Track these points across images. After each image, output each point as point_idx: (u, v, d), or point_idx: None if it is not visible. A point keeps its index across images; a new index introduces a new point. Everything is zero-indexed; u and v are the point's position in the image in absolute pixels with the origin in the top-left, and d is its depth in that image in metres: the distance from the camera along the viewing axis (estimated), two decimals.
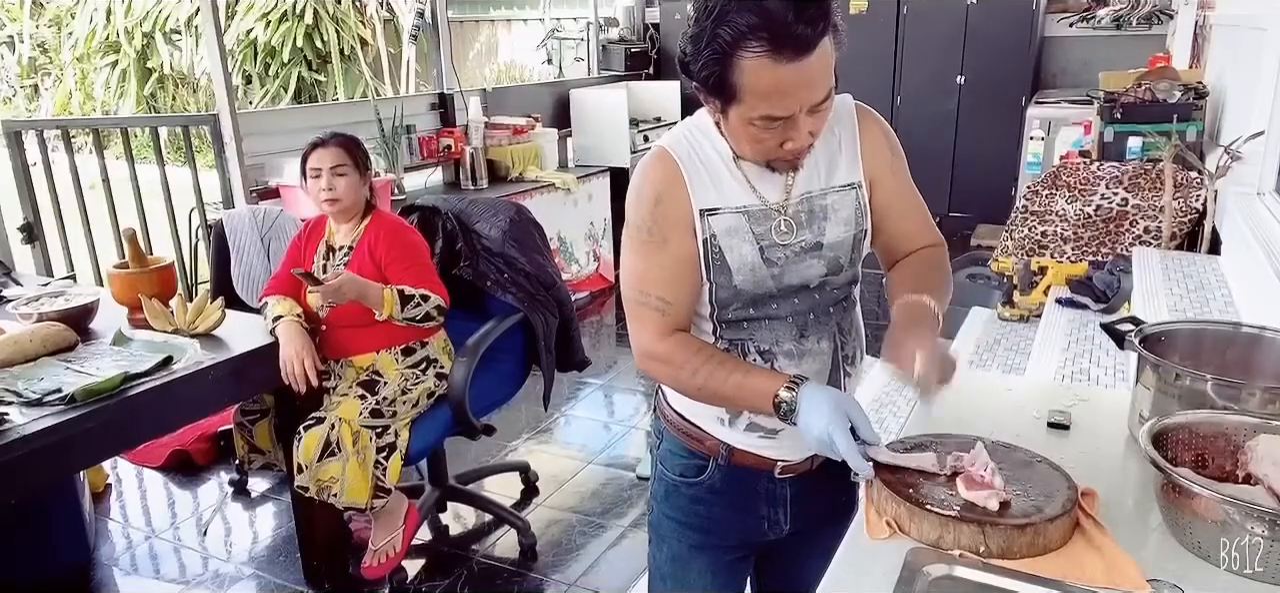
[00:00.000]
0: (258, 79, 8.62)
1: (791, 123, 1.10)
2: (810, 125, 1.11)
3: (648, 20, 6.65)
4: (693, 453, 1.35)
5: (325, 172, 2.38)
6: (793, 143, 1.12)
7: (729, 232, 1.21)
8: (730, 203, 1.22)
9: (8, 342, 2.08)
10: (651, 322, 1.23)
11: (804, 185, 1.24)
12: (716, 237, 1.21)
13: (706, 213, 1.21)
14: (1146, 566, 0.98)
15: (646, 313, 1.24)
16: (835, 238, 1.24)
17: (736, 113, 1.11)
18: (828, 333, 1.28)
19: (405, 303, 2.35)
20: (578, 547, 2.74)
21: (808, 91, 1.07)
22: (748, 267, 1.21)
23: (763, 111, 1.08)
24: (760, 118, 1.09)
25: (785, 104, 1.08)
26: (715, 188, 1.21)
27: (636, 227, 1.24)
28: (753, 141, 1.14)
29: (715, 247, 1.21)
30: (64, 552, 2.68)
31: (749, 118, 1.10)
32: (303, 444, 2.25)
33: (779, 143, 1.13)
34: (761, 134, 1.12)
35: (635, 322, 1.26)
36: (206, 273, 3.50)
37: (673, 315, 1.23)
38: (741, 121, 1.12)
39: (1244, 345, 1.37)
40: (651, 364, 1.25)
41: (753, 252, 1.21)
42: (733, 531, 1.38)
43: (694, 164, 1.21)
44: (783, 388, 1.15)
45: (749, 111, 1.09)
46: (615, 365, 4.22)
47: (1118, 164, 3.53)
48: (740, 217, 1.21)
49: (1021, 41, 5.84)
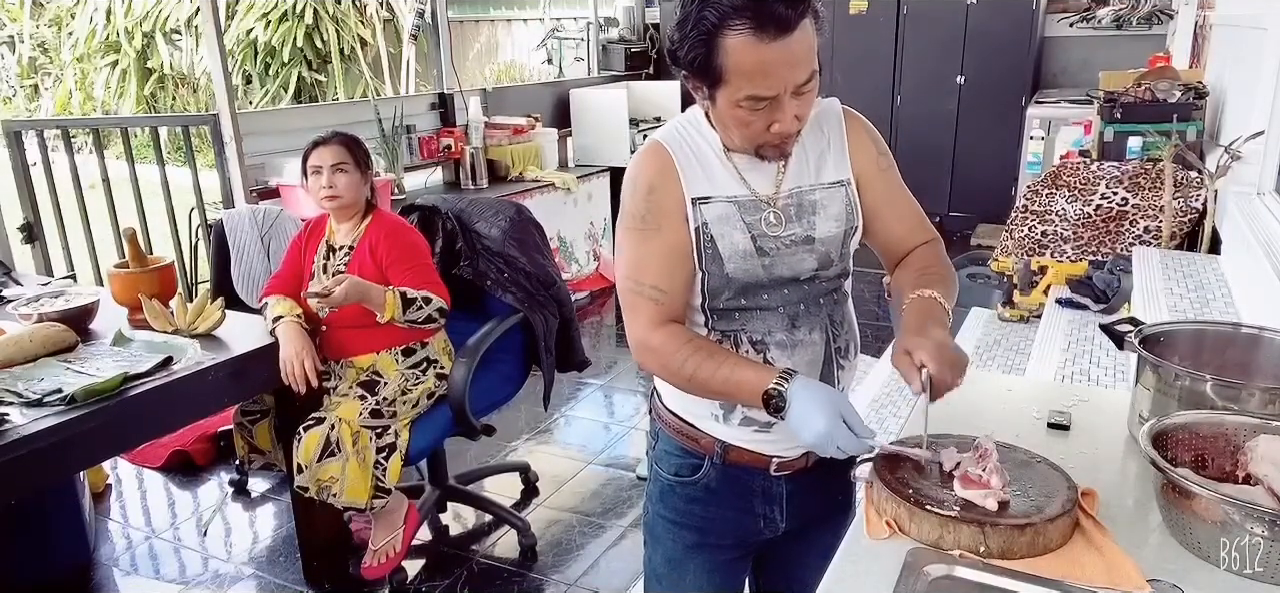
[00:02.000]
0: (258, 79, 8.63)
1: (777, 104, 1.12)
2: (796, 109, 1.14)
3: (648, 20, 6.65)
4: (688, 452, 1.35)
5: (326, 169, 2.39)
6: (779, 126, 1.15)
7: (720, 220, 1.22)
8: (721, 193, 1.24)
9: (8, 342, 2.08)
10: (646, 311, 1.23)
11: (794, 180, 1.26)
12: (708, 225, 1.22)
13: (698, 202, 1.23)
14: (1146, 566, 0.98)
15: (641, 302, 1.24)
16: (826, 233, 1.26)
17: (723, 96, 1.14)
18: (819, 324, 1.29)
19: (407, 305, 2.35)
20: (578, 547, 2.74)
21: (791, 71, 1.10)
22: (740, 255, 1.22)
23: (748, 92, 1.11)
24: (746, 98, 1.12)
25: (769, 84, 1.10)
26: (707, 178, 1.24)
27: (630, 215, 1.25)
28: (740, 126, 1.16)
29: (707, 235, 1.22)
30: (64, 552, 2.68)
31: (735, 100, 1.12)
32: (303, 444, 2.25)
33: (766, 126, 1.15)
34: (748, 117, 1.14)
35: (630, 312, 1.26)
36: (206, 273, 3.50)
37: (667, 305, 1.23)
38: (728, 105, 1.14)
39: (1244, 345, 1.37)
40: (645, 354, 1.25)
41: (745, 240, 1.22)
42: (729, 530, 1.38)
43: (686, 155, 1.24)
44: (773, 381, 1.14)
45: (735, 92, 1.12)
46: (615, 365, 4.22)
47: (1118, 164, 3.53)
48: (731, 206, 1.23)
49: (1021, 41, 5.84)
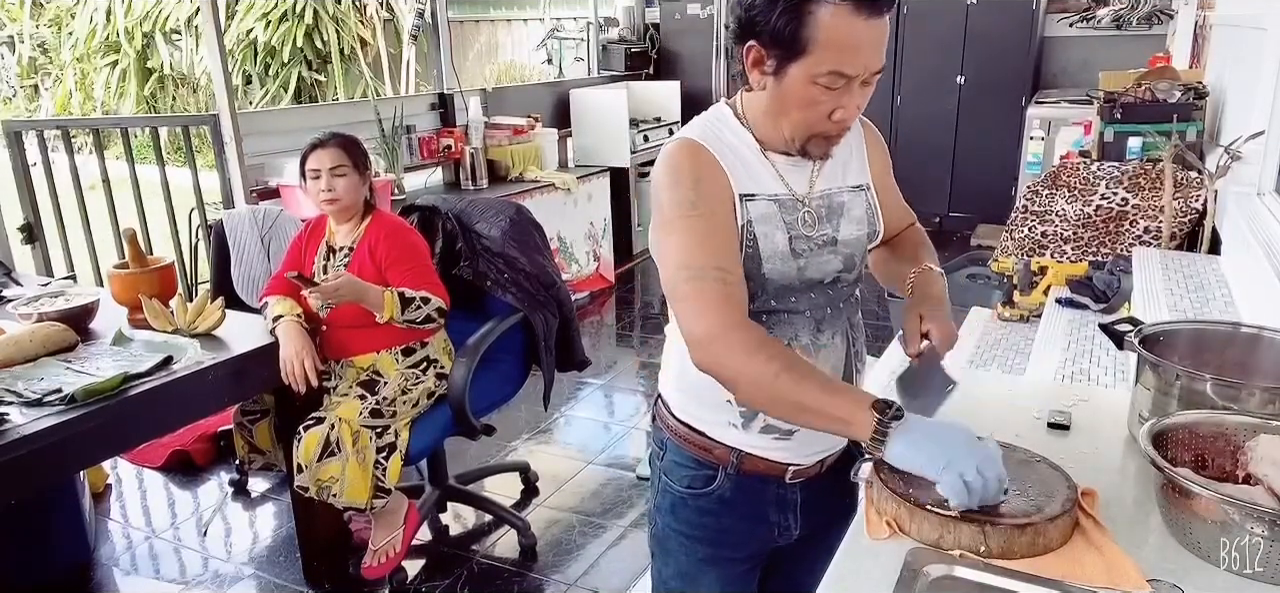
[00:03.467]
0: (258, 79, 8.61)
1: (849, 88, 1.11)
2: (860, 98, 1.14)
3: (648, 20, 6.65)
4: (701, 463, 1.31)
5: (324, 172, 2.38)
6: (842, 113, 1.13)
7: (764, 218, 1.20)
8: (765, 190, 1.21)
9: (8, 342, 2.08)
10: (714, 296, 1.11)
11: (826, 182, 1.26)
12: (753, 222, 1.20)
13: (745, 198, 1.20)
14: (1146, 566, 0.99)
15: (706, 287, 1.12)
16: (849, 235, 1.26)
17: (800, 69, 1.10)
18: (841, 329, 1.29)
19: (406, 306, 2.35)
20: (578, 547, 2.74)
21: (874, 54, 1.10)
22: (779, 255, 1.20)
23: (832, 67, 1.08)
24: (827, 73, 1.09)
25: (855, 62, 1.09)
26: (749, 175, 1.21)
27: (679, 204, 1.16)
28: (806, 107, 1.13)
29: (751, 233, 1.19)
30: (64, 552, 2.68)
31: (815, 74, 1.09)
32: (303, 444, 2.25)
33: (829, 112, 1.13)
34: (821, 96, 1.11)
35: (694, 304, 1.12)
36: (206, 273, 3.50)
37: (735, 288, 1.13)
38: (803, 80, 1.11)
39: (1244, 345, 1.37)
40: (717, 348, 1.11)
41: (784, 240, 1.21)
42: (743, 540, 1.35)
43: (725, 152, 1.20)
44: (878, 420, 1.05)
45: (816, 66, 1.09)
46: (615, 365, 4.22)
47: (1118, 164, 3.53)
48: (773, 205, 1.21)
49: (1021, 41, 5.84)
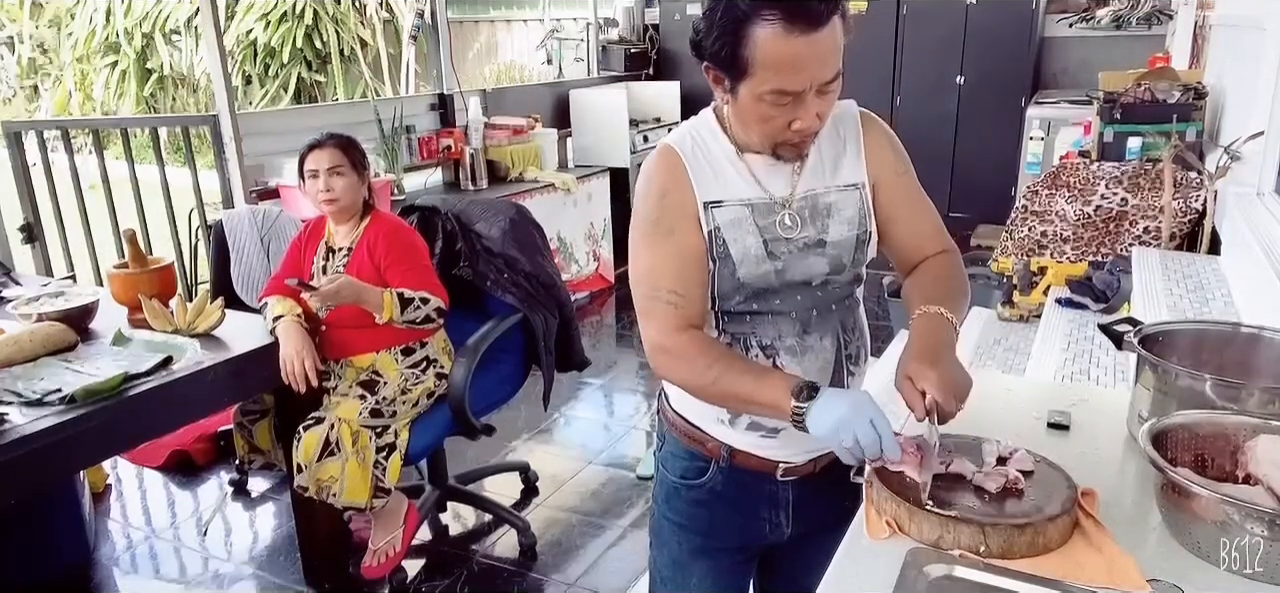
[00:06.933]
0: (258, 79, 8.61)
1: (800, 101, 1.11)
2: (818, 107, 1.13)
3: (647, 20, 6.64)
4: (694, 455, 1.35)
5: (322, 172, 2.38)
6: (800, 123, 1.14)
7: (732, 223, 1.22)
8: (734, 196, 1.23)
9: (8, 342, 2.08)
10: (662, 315, 1.21)
11: (809, 182, 1.25)
12: (720, 228, 1.22)
13: (710, 205, 1.22)
14: (1146, 566, 0.98)
15: (658, 307, 1.22)
16: (838, 236, 1.25)
17: (747, 89, 1.12)
18: (831, 331, 1.28)
19: (405, 306, 2.35)
20: (578, 547, 2.74)
21: (818, 67, 1.09)
22: (751, 257, 1.21)
23: (773, 85, 1.10)
24: (771, 92, 1.10)
25: (796, 79, 1.09)
26: (719, 181, 1.23)
27: (643, 219, 1.24)
28: (761, 122, 1.15)
29: (719, 239, 1.22)
30: (64, 552, 2.68)
31: (759, 93, 1.11)
32: (302, 444, 2.25)
33: (787, 124, 1.14)
34: (771, 112, 1.13)
35: (646, 317, 1.24)
36: (206, 273, 3.50)
37: (685, 309, 1.21)
38: (751, 99, 1.13)
39: (1243, 345, 1.36)
40: (662, 358, 1.23)
41: (757, 243, 1.22)
42: (734, 533, 1.38)
43: (697, 159, 1.23)
44: (798, 403, 1.10)
45: (760, 85, 1.11)
46: (615, 365, 4.22)
47: (1118, 164, 3.52)
48: (744, 209, 1.22)
49: (1021, 41, 5.83)
